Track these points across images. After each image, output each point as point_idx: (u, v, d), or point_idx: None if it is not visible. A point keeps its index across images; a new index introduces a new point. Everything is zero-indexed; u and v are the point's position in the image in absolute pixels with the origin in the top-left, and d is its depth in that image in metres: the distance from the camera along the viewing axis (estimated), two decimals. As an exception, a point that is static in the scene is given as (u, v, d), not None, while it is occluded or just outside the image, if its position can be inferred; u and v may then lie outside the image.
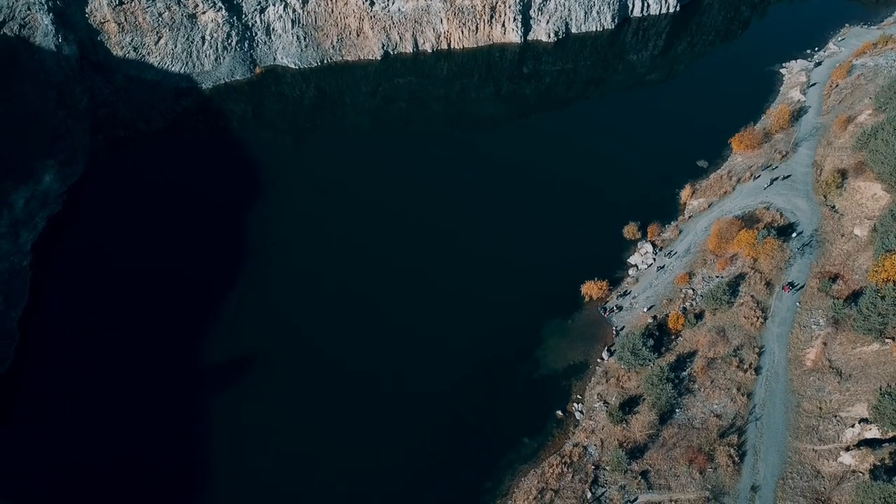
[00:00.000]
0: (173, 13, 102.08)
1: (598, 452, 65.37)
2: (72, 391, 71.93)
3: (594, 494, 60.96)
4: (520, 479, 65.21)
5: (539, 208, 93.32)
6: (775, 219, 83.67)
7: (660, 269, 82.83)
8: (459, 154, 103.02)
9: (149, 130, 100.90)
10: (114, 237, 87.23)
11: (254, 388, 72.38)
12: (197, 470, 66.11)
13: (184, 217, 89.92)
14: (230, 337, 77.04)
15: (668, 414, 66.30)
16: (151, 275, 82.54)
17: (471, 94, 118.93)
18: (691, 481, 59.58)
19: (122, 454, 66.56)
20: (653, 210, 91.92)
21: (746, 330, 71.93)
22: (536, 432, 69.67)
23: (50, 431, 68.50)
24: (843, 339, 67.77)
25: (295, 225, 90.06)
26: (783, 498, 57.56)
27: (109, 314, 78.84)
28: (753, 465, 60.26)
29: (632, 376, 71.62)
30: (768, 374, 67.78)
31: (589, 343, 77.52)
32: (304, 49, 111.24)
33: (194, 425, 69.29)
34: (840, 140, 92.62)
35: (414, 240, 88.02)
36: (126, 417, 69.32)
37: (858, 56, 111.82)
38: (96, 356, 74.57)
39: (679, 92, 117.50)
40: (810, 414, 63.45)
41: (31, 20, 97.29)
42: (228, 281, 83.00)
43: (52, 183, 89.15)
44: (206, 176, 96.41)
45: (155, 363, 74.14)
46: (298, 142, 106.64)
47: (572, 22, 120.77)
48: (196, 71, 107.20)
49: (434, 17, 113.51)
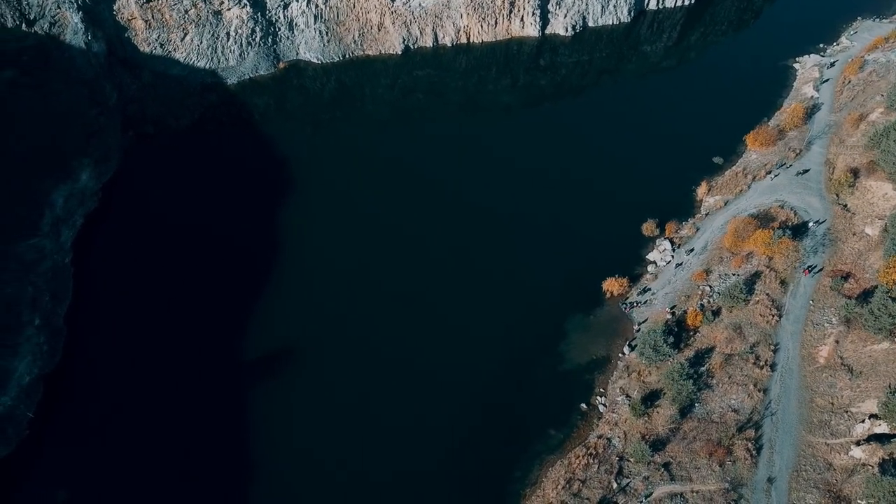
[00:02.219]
0: (199, 10, 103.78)
1: (622, 444, 69.39)
2: (118, 382, 75.46)
3: (619, 485, 65.06)
4: (547, 469, 69.19)
5: (558, 203, 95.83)
6: (789, 217, 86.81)
7: (678, 266, 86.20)
8: (476, 146, 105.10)
9: (177, 127, 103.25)
10: (149, 232, 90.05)
11: (292, 379, 75.99)
12: (245, 455, 70.22)
13: (215, 211, 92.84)
14: (266, 327, 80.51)
15: (687, 408, 70.18)
16: (187, 269, 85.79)
17: (488, 85, 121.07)
18: (711, 473, 63.64)
19: (169, 443, 70.22)
20: (669, 206, 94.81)
21: (762, 327, 75.56)
22: (562, 424, 73.56)
23: (101, 421, 72.26)
24: (854, 338, 71.44)
25: (321, 216, 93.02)
26: (797, 489, 61.64)
27: (148, 307, 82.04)
28: (769, 458, 64.29)
29: (652, 371, 75.39)
30: (783, 370, 71.55)
31: (610, 338, 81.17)
32: (327, 44, 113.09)
33: (240, 413, 73.25)
34: (852, 138, 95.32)
35: (436, 237, 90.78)
36: (171, 407, 72.86)
37: (870, 51, 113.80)
38: (139, 348, 77.96)
39: (692, 85, 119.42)
40: (823, 409, 67.36)
41: (60, 18, 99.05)
42: (262, 272, 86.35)
43: (88, 181, 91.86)
44: (234, 170, 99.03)
45: (195, 354, 77.53)
46: (319, 133, 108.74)
47: (589, 16, 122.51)
48: (221, 66, 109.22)
49: (454, 12, 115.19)
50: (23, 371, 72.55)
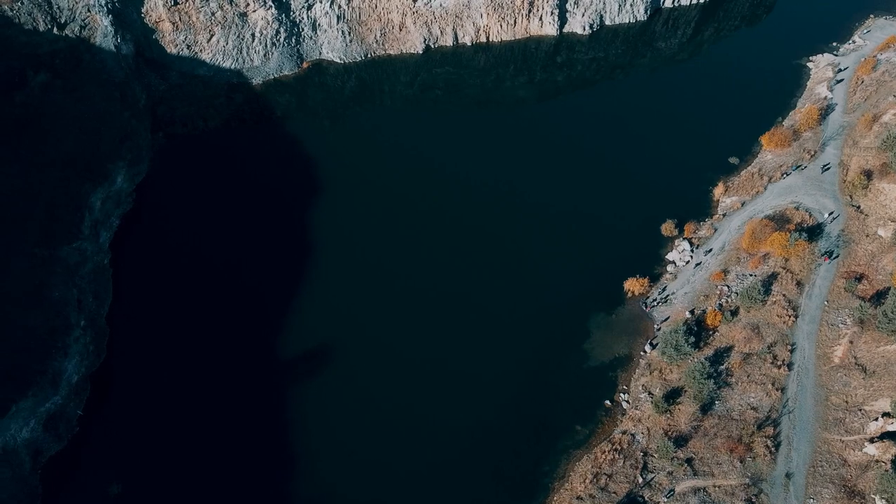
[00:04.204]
0: (225, 12, 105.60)
1: (645, 440, 72.96)
2: (159, 378, 78.73)
3: (644, 479, 68.72)
4: (574, 464, 72.82)
5: (578, 201, 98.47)
6: (804, 219, 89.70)
7: (696, 266, 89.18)
8: (492, 143, 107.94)
9: (206, 127, 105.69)
10: (181, 231, 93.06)
11: (325, 371, 79.59)
12: (284, 445, 73.97)
13: (245, 210, 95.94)
14: (297, 321, 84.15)
15: (708, 405, 73.64)
16: (219, 266, 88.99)
17: (505, 82, 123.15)
18: (732, 469, 67.26)
19: (210, 434, 73.88)
20: (687, 206, 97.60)
21: (779, 327, 78.83)
22: (587, 420, 77.08)
23: (146, 416, 75.64)
24: (867, 338, 74.78)
25: (345, 212, 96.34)
26: (814, 484, 65.32)
27: (183, 304, 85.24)
28: (787, 454, 67.86)
29: (673, 369, 78.73)
30: (799, 369, 74.94)
31: (632, 336, 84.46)
32: (349, 44, 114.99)
33: (277, 405, 76.97)
34: (865, 140, 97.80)
35: (458, 238, 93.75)
36: (210, 400, 76.47)
37: (882, 50, 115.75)
38: (176, 344, 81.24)
39: (707, 83, 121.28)
40: (837, 407, 70.88)
41: (90, 21, 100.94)
42: (292, 268, 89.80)
43: (123, 183, 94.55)
44: (261, 168, 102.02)
45: (230, 349, 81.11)
46: (339, 128, 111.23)
47: (606, 14, 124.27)
48: (246, 66, 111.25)
49: (474, 12, 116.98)
50: (72, 370, 75.90)
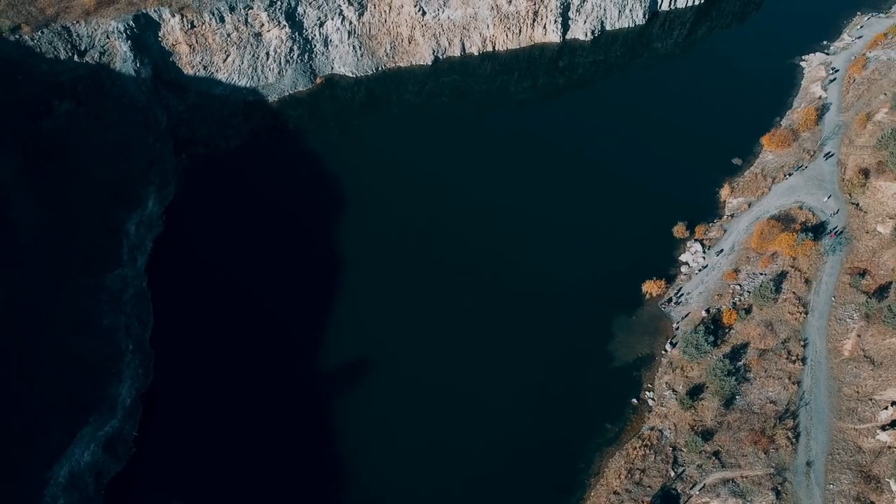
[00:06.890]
0: (241, 33, 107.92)
1: (673, 435, 78.11)
2: (206, 396, 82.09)
3: (676, 473, 73.97)
4: (608, 460, 77.71)
5: (589, 205, 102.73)
6: (808, 218, 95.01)
7: (709, 267, 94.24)
8: (498, 149, 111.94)
9: (227, 147, 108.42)
10: (210, 250, 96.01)
11: (368, 381, 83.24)
12: (333, 453, 78.18)
13: (268, 228, 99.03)
14: (335, 332, 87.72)
15: (730, 400, 78.80)
16: (250, 283, 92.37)
17: (510, 87, 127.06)
18: (757, 460, 72.62)
19: (260, 447, 77.76)
20: (695, 207, 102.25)
21: (791, 324, 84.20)
22: (616, 418, 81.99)
23: (197, 433, 79.17)
24: (874, 332, 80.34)
25: (360, 225, 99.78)
26: (832, 471, 70.86)
27: (220, 321, 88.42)
28: (807, 444, 73.35)
29: (694, 366, 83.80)
30: (812, 363, 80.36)
31: (653, 336, 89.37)
32: (360, 58, 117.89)
33: (322, 414, 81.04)
34: (861, 139, 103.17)
35: (476, 252, 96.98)
36: (256, 413, 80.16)
37: (871, 48, 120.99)
38: (217, 361, 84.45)
39: (706, 84, 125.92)
40: (850, 398, 76.47)
41: (109, 47, 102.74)
42: (323, 281, 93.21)
43: (153, 206, 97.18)
44: (281, 185, 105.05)
45: (269, 363, 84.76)
46: (352, 140, 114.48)
47: (607, 20, 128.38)
48: (261, 84, 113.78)
49: (481, 23, 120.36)
50: (125, 394, 79.19)
